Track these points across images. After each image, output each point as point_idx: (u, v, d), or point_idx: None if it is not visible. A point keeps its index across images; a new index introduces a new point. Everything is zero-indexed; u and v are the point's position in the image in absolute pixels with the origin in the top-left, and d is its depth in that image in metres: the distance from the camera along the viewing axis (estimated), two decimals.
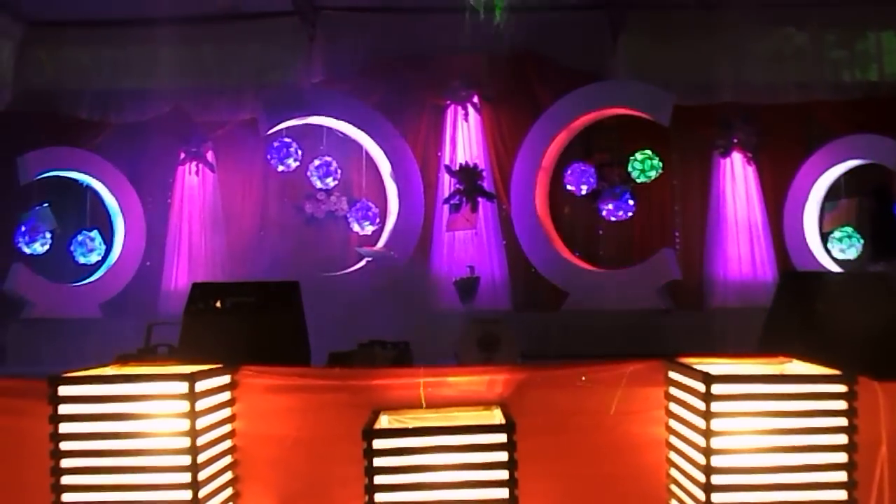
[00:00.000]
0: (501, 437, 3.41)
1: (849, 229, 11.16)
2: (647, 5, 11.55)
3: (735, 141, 11.48)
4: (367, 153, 11.86)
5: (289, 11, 11.94)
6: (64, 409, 3.47)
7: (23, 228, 11.44)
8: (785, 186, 11.41)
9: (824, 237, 11.41)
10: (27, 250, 11.58)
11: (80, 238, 11.81)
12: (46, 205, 11.79)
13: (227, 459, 3.80)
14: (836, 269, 10.90)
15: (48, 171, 11.62)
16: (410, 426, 3.59)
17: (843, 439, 3.37)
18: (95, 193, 11.99)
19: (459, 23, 10.32)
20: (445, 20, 10.99)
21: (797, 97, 11.73)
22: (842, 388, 3.40)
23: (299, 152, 11.54)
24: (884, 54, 12.04)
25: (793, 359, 3.84)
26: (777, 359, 3.89)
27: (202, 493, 3.47)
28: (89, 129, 11.97)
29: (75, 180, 11.93)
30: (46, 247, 11.79)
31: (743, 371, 3.71)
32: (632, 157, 11.39)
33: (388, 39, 12.00)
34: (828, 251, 11.27)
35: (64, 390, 3.49)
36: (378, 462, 3.37)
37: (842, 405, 3.39)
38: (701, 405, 3.37)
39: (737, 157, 11.61)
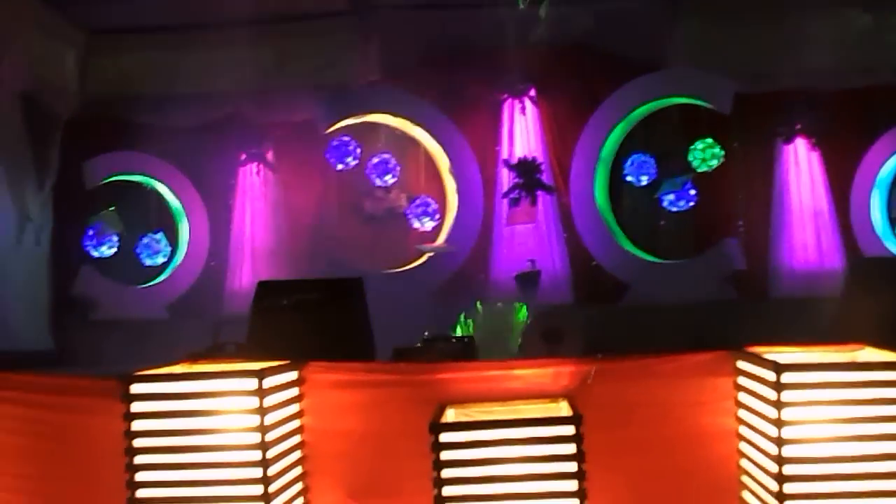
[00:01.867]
0: (569, 430, 3.39)
1: None
2: None
3: (798, 127, 11.27)
4: (425, 149, 11.88)
5: (344, 11, 12.01)
6: (137, 406, 3.53)
7: (90, 232, 11.68)
8: (850, 172, 11.18)
9: (893, 222, 11.18)
10: (95, 254, 11.82)
11: (145, 241, 12.02)
12: (113, 209, 12.03)
13: (297, 454, 3.83)
14: None
15: (114, 176, 11.85)
16: (477, 419, 3.59)
17: None
18: (160, 196, 12.20)
19: (514, 16, 10.33)
20: (500, 14, 11.00)
21: (861, 82, 11.49)
22: None
23: (358, 150, 11.61)
24: None
25: (865, 346, 3.76)
26: (849, 346, 3.80)
27: (272, 487, 3.51)
28: (152, 133, 12.12)
29: (140, 184, 12.15)
30: (114, 250, 12.03)
31: (813, 359, 3.64)
32: (692, 147, 11.26)
33: (443, 35, 12.01)
34: None
35: (136, 388, 3.55)
36: (446, 455, 3.37)
37: None
38: (772, 395, 3.31)
39: (800, 144, 11.38)
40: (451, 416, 3.66)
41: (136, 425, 3.52)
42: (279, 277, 11.31)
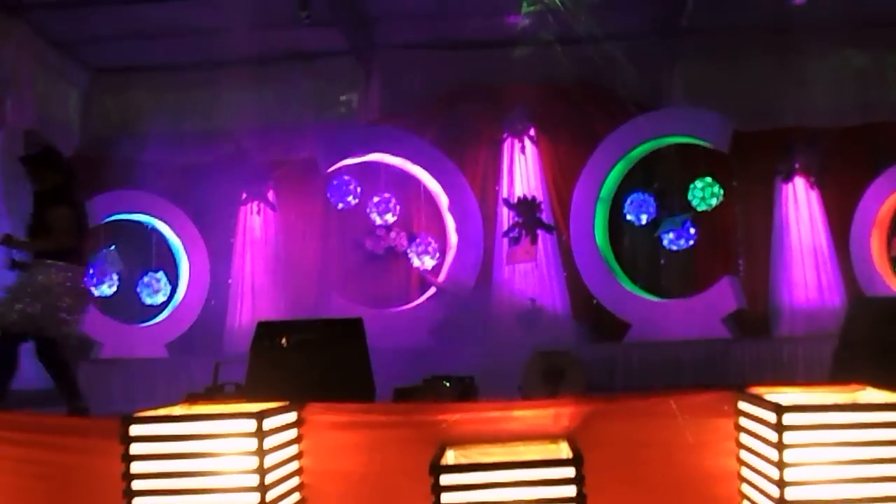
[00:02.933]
0: (570, 472, 3.37)
1: None
2: (703, 31, 11.48)
3: (797, 165, 11.30)
4: (425, 188, 11.92)
5: (345, 51, 12.12)
6: (135, 448, 3.52)
7: (91, 271, 11.67)
8: (850, 210, 11.18)
9: (893, 261, 11.18)
10: (95, 292, 11.81)
11: (146, 279, 12.03)
12: (113, 247, 12.05)
13: (296, 496, 3.81)
14: None
15: (115, 215, 11.87)
16: (477, 461, 3.57)
17: None
18: (160, 235, 12.22)
19: (514, 55, 10.41)
20: (500, 53, 11.09)
21: (860, 119, 11.58)
22: None
23: (358, 189, 11.65)
24: None
25: (867, 386, 3.75)
26: (850, 386, 3.80)
27: None
28: (153, 171, 12.17)
29: (140, 222, 12.17)
30: (114, 289, 12.03)
31: (815, 400, 3.63)
32: (692, 185, 11.30)
33: (443, 74, 12.13)
34: None
35: (135, 429, 3.54)
36: (446, 498, 3.35)
37: None
38: (773, 436, 3.30)
39: (799, 182, 11.39)
40: (451, 457, 3.64)
41: (135, 467, 3.51)
42: (279, 317, 11.34)
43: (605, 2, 10.90)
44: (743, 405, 3.67)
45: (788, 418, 3.28)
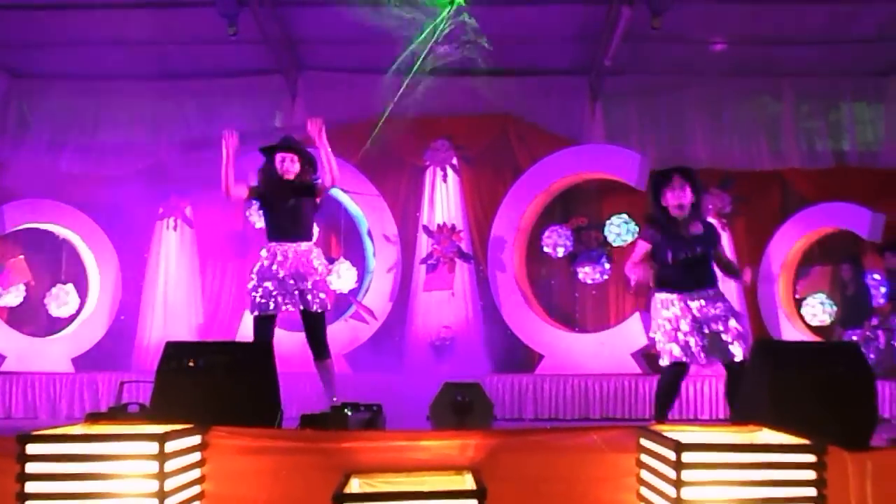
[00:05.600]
0: None
1: (822, 296, 11.29)
2: (624, 71, 11.74)
3: (710, 207, 11.58)
4: (345, 211, 11.89)
5: (272, 69, 12.06)
6: (31, 467, 3.44)
7: None
8: (759, 252, 11.50)
9: (798, 304, 11.51)
10: (0, 302, 11.51)
11: (54, 291, 11.76)
12: (21, 257, 11.76)
13: None
14: (809, 336, 10.97)
15: (25, 224, 11.58)
16: (381, 490, 3.57)
17: None
18: (72, 246, 11.94)
19: (440, 84, 10.48)
20: (426, 82, 11.14)
21: (771, 164, 11.94)
22: (811, 458, 3.42)
23: None
24: (856, 124, 12.32)
25: (763, 427, 3.87)
26: (748, 427, 3.91)
27: None
28: (70, 181, 11.94)
29: (51, 233, 11.89)
30: (20, 299, 11.74)
31: (714, 439, 3.73)
32: (608, 221, 11.51)
33: (369, 99, 12.12)
34: (801, 318, 11.36)
35: (32, 448, 3.46)
36: None
37: (811, 475, 3.41)
38: (672, 473, 3.38)
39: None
40: (355, 485, 3.64)
41: (30, 487, 3.43)
42: (193, 337, 11.18)
43: (531, 37, 11.11)
44: (644, 442, 3.74)
45: (687, 456, 3.36)
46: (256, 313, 6.85)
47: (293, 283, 6.81)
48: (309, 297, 6.80)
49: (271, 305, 6.78)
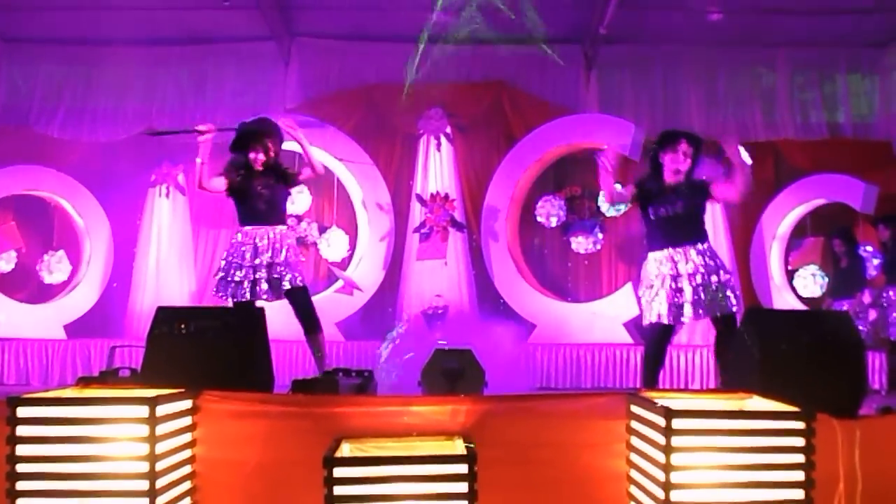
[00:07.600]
0: (462, 468, 3.40)
1: (814, 268, 11.32)
2: (619, 40, 11.68)
3: (704, 178, 11.54)
4: (338, 180, 11.85)
5: (265, 36, 11.97)
6: (22, 430, 3.44)
7: None
8: (752, 224, 11.51)
9: (790, 275, 11.54)
10: None
11: (46, 258, 11.74)
12: (13, 223, 11.72)
13: (187, 485, 3.77)
14: (801, 306, 11.00)
15: (17, 190, 11.53)
16: (371, 455, 3.58)
17: (800, 476, 3.40)
18: (63, 212, 11.90)
19: (434, 52, 10.42)
20: (419, 49, 11.07)
21: (765, 135, 11.91)
22: (800, 425, 3.43)
23: None
24: (851, 96, 12.28)
25: (753, 394, 3.88)
26: (738, 394, 3.93)
27: None
28: (61, 147, 11.88)
29: (43, 199, 11.83)
30: (12, 265, 11.72)
31: (704, 406, 3.74)
32: (602, 191, 11.48)
33: (362, 67, 12.07)
34: (793, 289, 11.40)
35: (22, 412, 3.46)
36: (338, 491, 3.35)
37: (800, 442, 3.42)
38: (661, 439, 3.39)
39: None
40: (346, 450, 3.65)
41: (21, 450, 3.43)
42: (183, 303, 11.17)
43: (525, 4, 11.02)
44: (635, 408, 3.76)
45: (677, 423, 3.37)
46: (233, 300, 6.77)
47: (267, 269, 6.72)
48: (288, 276, 6.71)
49: (248, 295, 6.70)
